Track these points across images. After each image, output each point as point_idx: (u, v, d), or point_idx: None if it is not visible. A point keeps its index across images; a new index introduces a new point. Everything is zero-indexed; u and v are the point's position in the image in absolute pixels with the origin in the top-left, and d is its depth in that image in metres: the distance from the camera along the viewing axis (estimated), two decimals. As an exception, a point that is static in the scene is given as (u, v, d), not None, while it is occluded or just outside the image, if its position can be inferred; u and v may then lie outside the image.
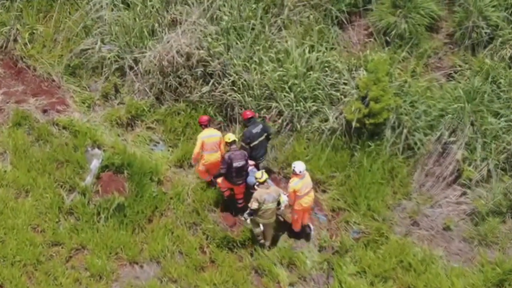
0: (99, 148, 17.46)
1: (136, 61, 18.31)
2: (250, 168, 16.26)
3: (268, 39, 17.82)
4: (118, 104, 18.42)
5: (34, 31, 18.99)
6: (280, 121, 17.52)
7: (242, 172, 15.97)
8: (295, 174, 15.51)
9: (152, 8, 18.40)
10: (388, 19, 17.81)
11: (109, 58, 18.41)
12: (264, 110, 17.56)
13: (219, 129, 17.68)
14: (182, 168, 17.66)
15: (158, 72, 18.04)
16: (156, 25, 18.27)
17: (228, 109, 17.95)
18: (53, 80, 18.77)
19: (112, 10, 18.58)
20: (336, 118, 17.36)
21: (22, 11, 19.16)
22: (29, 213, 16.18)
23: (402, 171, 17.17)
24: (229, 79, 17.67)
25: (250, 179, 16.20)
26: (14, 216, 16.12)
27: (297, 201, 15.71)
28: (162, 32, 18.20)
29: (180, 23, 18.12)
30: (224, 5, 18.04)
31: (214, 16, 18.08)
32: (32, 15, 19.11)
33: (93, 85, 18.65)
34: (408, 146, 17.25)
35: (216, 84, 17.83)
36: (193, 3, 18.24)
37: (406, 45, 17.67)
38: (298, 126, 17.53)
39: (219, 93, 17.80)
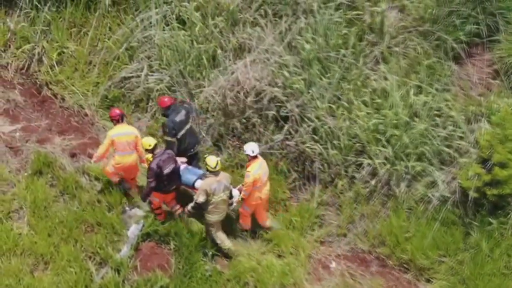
0: (139, 208, 16.55)
1: (191, 95, 17.74)
2: (182, 167, 16.23)
3: (361, 74, 17.07)
4: (165, 150, 17.54)
5: (64, 50, 18.63)
6: (373, 183, 16.59)
7: (174, 176, 15.86)
8: (251, 157, 15.60)
9: (215, 28, 17.87)
10: (521, 54, 16.85)
11: (157, 90, 17.86)
12: (353, 167, 16.77)
13: (294, 188, 17.08)
14: (243, 238, 16.55)
15: (218, 112, 17.48)
16: (219, 51, 17.76)
17: (306, 164, 17.03)
18: (86, 115, 18.21)
19: (164, 29, 18.14)
20: (448, 184, 16.38)
21: (50, 24, 18.76)
22: (48, 292, 15.38)
23: (533, 259, 16.05)
24: (308, 126, 16.97)
25: (187, 179, 16.14)
26: (29, 295, 15.40)
27: (254, 193, 15.68)
28: (226, 60, 17.70)
29: (249, 50, 17.60)
30: (307, 29, 17.37)
31: (293, 43, 17.40)
32: (63, 29, 18.70)
33: (135, 123, 17.89)
34: (542, 227, 16.15)
35: (292, 131, 17.12)
36: (266, 25, 17.71)
37: (545, 90, 16.77)
38: (397, 191, 16.55)
39: (295, 143, 17.05)
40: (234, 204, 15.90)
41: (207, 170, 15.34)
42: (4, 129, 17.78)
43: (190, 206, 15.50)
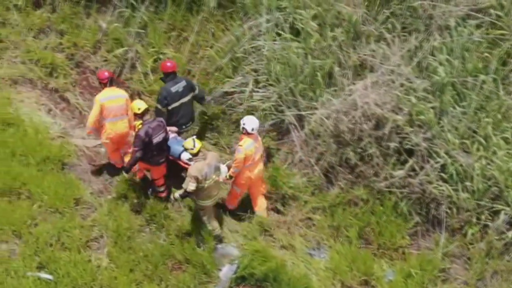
0: (234, 246, 16.20)
1: (301, 118, 17.08)
2: (172, 136, 16.35)
3: (503, 105, 16.13)
4: (268, 178, 16.79)
5: (160, 56, 18.30)
6: (509, 234, 15.56)
7: (164, 146, 16.06)
8: (246, 133, 15.72)
9: (333, 41, 17.01)
10: None
11: (263, 110, 17.26)
12: (487, 214, 15.74)
13: (415, 234, 16.17)
14: (350, 288, 16.07)
15: (331, 139, 16.70)
16: (336, 68, 16.96)
17: (431, 207, 16.12)
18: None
19: (275, 39, 17.46)
20: None
21: (147, 26, 18.53)
22: None
23: None
24: (437, 162, 16.09)
25: (174, 149, 16.27)
26: None
27: (244, 171, 15.77)
28: (344, 79, 16.90)
29: (372, 69, 16.80)
30: (441, 48, 16.45)
31: (423, 64, 16.55)
32: (160, 33, 18.41)
33: (235, 146, 17.01)
34: None
35: (417, 168, 16.22)
36: (393, 41, 16.76)
37: None
38: (538, 249, 15.63)
39: (419, 182, 16.15)
40: (221, 180, 15.87)
41: (191, 154, 15.37)
42: (88, 143, 17.53)
43: (177, 194, 15.47)
